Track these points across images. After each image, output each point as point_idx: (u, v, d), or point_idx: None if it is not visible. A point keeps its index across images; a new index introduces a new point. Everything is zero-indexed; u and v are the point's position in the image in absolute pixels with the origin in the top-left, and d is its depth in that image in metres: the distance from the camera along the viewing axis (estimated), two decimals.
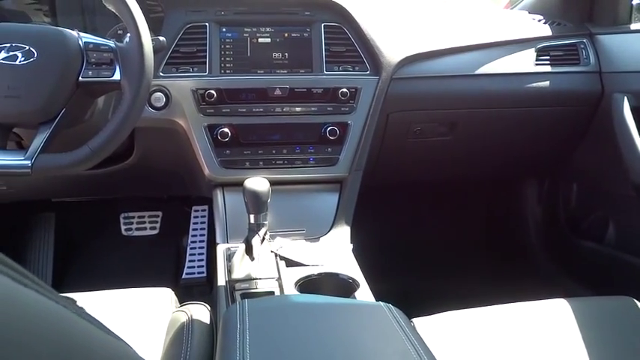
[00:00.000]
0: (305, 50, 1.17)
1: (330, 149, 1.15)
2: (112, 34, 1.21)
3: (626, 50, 1.33)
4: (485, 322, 0.89)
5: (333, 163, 1.15)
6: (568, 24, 1.41)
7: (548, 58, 1.32)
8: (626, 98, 1.26)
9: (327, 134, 1.14)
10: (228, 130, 1.11)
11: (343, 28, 1.18)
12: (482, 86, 1.27)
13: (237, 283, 0.85)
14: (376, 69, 1.17)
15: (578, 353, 0.82)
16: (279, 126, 1.14)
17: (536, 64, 1.31)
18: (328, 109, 1.15)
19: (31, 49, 0.85)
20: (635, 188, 1.24)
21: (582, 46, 1.36)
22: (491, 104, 1.29)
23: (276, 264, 0.93)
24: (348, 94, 1.14)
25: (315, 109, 1.14)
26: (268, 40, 1.17)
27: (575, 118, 1.39)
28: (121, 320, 0.90)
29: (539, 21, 1.41)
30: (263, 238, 0.93)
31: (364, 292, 0.85)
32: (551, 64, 1.32)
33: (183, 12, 1.15)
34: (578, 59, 1.34)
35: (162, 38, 0.96)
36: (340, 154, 1.15)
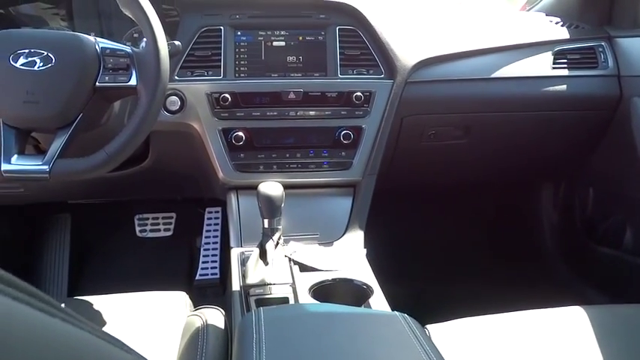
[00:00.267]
0: (319, 54, 1.17)
1: (343, 153, 1.15)
2: (128, 38, 1.22)
3: None
4: (501, 330, 0.88)
5: (346, 167, 1.15)
6: (586, 26, 1.39)
7: (566, 61, 1.30)
8: None
9: (341, 138, 1.14)
10: (242, 133, 1.11)
11: (358, 31, 1.18)
12: (498, 90, 1.26)
13: (252, 288, 0.85)
14: (391, 72, 1.17)
15: None
16: (293, 130, 1.14)
17: (553, 68, 1.29)
18: (342, 113, 1.14)
19: (50, 54, 0.86)
20: None
21: (600, 49, 1.34)
22: (506, 108, 1.28)
23: (290, 269, 0.93)
24: (363, 98, 1.14)
25: (329, 113, 1.14)
26: (283, 43, 1.17)
27: (593, 122, 1.37)
28: (136, 324, 0.91)
29: (557, 23, 1.39)
30: (277, 243, 0.93)
31: (378, 299, 0.85)
32: (569, 68, 1.30)
33: (199, 16, 1.15)
34: (597, 62, 1.32)
35: (177, 43, 0.97)
36: (354, 158, 1.15)
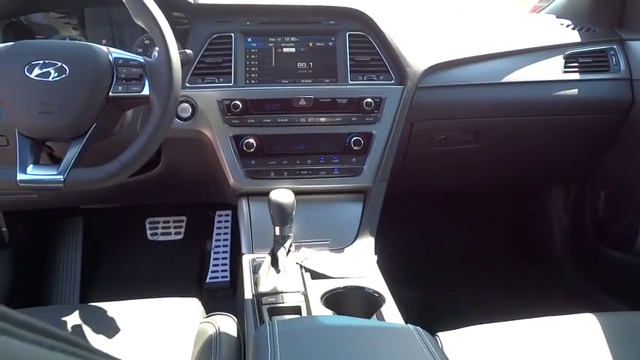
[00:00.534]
0: (329, 60, 1.17)
1: (354, 159, 1.15)
2: (139, 45, 1.23)
3: None
4: (512, 338, 0.88)
5: (357, 173, 1.15)
6: (597, 29, 1.38)
7: (577, 65, 1.30)
8: None
9: (352, 144, 1.14)
10: (253, 140, 1.12)
11: (368, 37, 1.18)
12: (509, 94, 1.25)
13: (264, 296, 0.86)
14: (401, 78, 1.17)
15: None
16: (304, 136, 1.14)
17: (565, 72, 1.28)
18: (353, 119, 1.15)
19: (64, 65, 0.87)
20: None
21: (612, 52, 1.33)
22: (517, 112, 1.27)
23: (302, 276, 0.94)
24: (373, 104, 1.14)
25: (340, 119, 1.14)
26: (293, 49, 1.17)
27: (604, 126, 1.36)
28: (148, 331, 0.92)
29: (568, 26, 1.38)
30: (288, 250, 0.94)
31: (390, 308, 0.85)
32: (580, 72, 1.29)
33: (209, 23, 1.15)
34: (608, 66, 1.32)
35: (189, 51, 0.98)
36: (364, 165, 1.15)
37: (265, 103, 1.13)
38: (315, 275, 0.95)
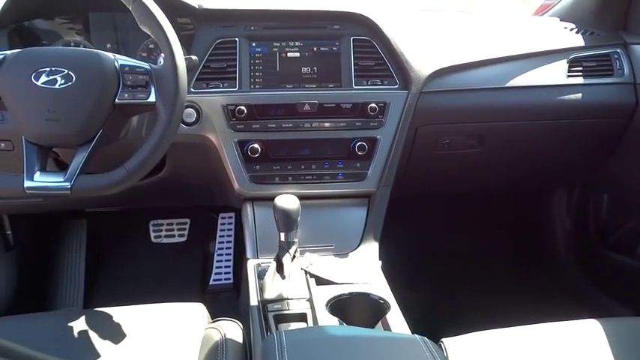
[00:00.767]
0: (334, 64, 1.17)
1: (358, 164, 1.15)
2: (144, 49, 1.23)
3: None
4: (517, 344, 0.89)
5: (361, 178, 1.16)
6: (601, 33, 1.38)
7: (581, 69, 1.30)
8: None
9: (356, 149, 1.14)
10: (257, 145, 1.12)
11: (372, 41, 1.18)
12: (513, 99, 1.25)
13: (270, 303, 0.86)
14: (405, 83, 1.17)
15: None
16: (308, 141, 1.15)
17: (569, 76, 1.28)
18: (357, 124, 1.15)
19: (70, 72, 0.87)
20: None
21: (616, 56, 1.33)
22: (522, 117, 1.28)
23: (307, 282, 0.94)
24: (377, 109, 1.14)
25: (344, 124, 1.15)
26: (297, 54, 1.17)
27: (608, 130, 1.36)
28: (153, 336, 0.92)
29: (571, 30, 1.38)
30: (293, 256, 0.94)
31: (395, 315, 0.85)
32: (584, 76, 1.29)
33: (214, 27, 1.16)
34: (612, 70, 1.32)
35: (194, 57, 0.98)
36: (369, 169, 1.15)
37: (270, 108, 1.13)
38: (320, 281, 0.96)
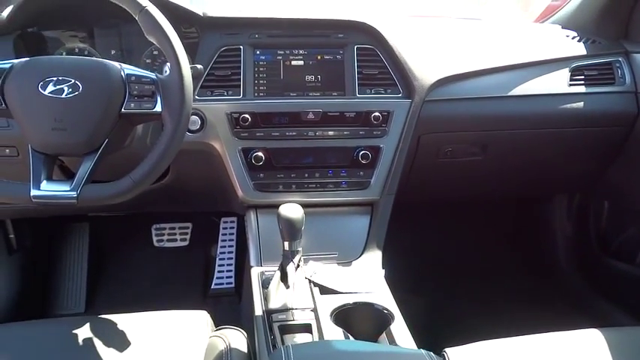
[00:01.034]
0: (337, 73, 1.18)
1: (361, 173, 1.16)
2: (148, 55, 1.24)
3: None
4: (519, 354, 0.89)
5: (364, 186, 1.16)
6: (603, 41, 1.38)
7: (583, 78, 1.31)
8: None
9: (360, 158, 1.15)
10: (262, 153, 1.12)
11: (376, 50, 1.18)
12: (516, 108, 1.26)
13: (275, 313, 0.86)
14: (408, 92, 1.18)
15: None
16: (312, 150, 1.15)
17: (570, 85, 1.29)
18: (360, 132, 1.15)
19: (77, 82, 0.87)
20: None
21: (617, 64, 1.34)
22: (524, 125, 1.28)
23: (311, 291, 0.95)
24: (381, 118, 1.15)
25: (348, 132, 1.15)
26: (301, 62, 1.18)
27: (610, 138, 1.37)
28: (158, 344, 0.92)
29: (573, 38, 1.39)
30: (297, 265, 0.95)
31: (399, 326, 0.86)
32: (586, 85, 1.30)
33: (218, 35, 1.16)
34: (614, 79, 1.32)
35: (199, 66, 0.98)
36: (372, 178, 1.16)
37: (274, 116, 1.14)
38: (324, 290, 0.96)
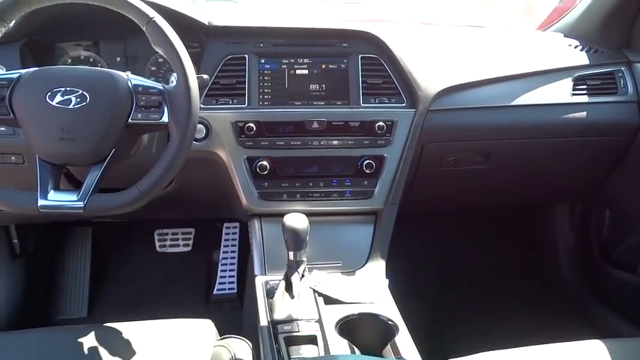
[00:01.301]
0: (342, 82, 1.18)
1: (366, 182, 1.16)
2: (153, 63, 1.24)
3: None
4: None
5: (368, 196, 1.17)
6: (605, 50, 1.39)
7: (585, 87, 1.31)
8: None
9: (364, 167, 1.15)
10: (266, 162, 1.13)
11: (380, 59, 1.19)
12: (519, 117, 1.26)
13: (280, 324, 0.87)
14: (412, 101, 1.18)
15: None
16: (317, 159, 1.16)
17: (573, 94, 1.30)
18: (365, 142, 1.16)
19: (84, 92, 0.88)
20: None
21: (620, 74, 1.35)
22: (527, 135, 1.29)
23: (315, 301, 0.95)
24: (385, 128, 1.15)
25: (352, 142, 1.16)
26: (306, 71, 1.18)
27: (612, 148, 1.37)
28: (163, 353, 0.93)
29: (576, 47, 1.39)
30: (302, 275, 0.95)
31: (404, 338, 0.86)
32: (588, 94, 1.31)
33: (223, 44, 1.17)
34: (616, 88, 1.33)
35: (205, 76, 0.99)
36: (376, 187, 1.16)
37: (279, 125, 1.14)
38: (329, 300, 0.97)
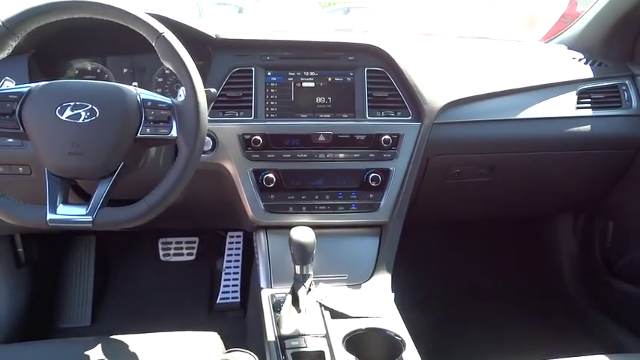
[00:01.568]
0: (348, 95, 1.19)
1: (371, 195, 1.17)
2: (160, 74, 1.25)
3: None
4: None
5: (374, 208, 1.17)
6: (609, 63, 1.40)
7: (590, 101, 1.32)
8: None
9: (370, 180, 1.15)
10: (273, 175, 1.13)
11: (386, 73, 1.20)
12: (523, 131, 1.27)
13: (287, 339, 0.87)
14: (418, 115, 1.19)
15: None
16: (323, 172, 1.16)
17: (578, 108, 1.30)
18: (370, 155, 1.16)
19: (94, 107, 0.88)
20: None
21: (624, 87, 1.35)
22: (531, 148, 1.29)
23: (322, 315, 0.95)
24: (391, 141, 1.16)
25: (358, 155, 1.16)
26: (312, 84, 1.19)
27: (616, 161, 1.38)
28: None
29: (580, 60, 1.40)
30: (309, 289, 0.95)
31: (411, 354, 0.87)
32: (593, 108, 1.31)
33: (230, 56, 1.17)
34: (620, 102, 1.34)
35: (213, 90, 1.00)
36: (381, 200, 1.17)
37: (285, 138, 1.15)
38: (335, 314, 0.97)
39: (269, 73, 1.18)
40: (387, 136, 1.16)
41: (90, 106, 0.88)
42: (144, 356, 0.96)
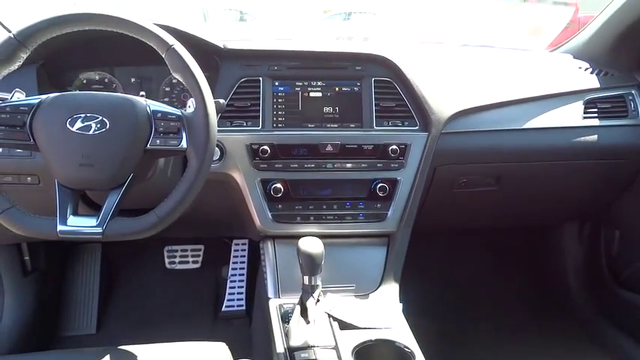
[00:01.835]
0: (355, 105, 1.19)
1: (379, 205, 1.17)
2: (167, 83, 1.25)
3: None
4: None
5: (381, 218, 1.17)
6: (615, 73, 1.40)
7: (596, 110, 1.32)
8: None
9: (377, 190, 1.16)
10: (280, 185, 1.13)
11: (393, 83, 1.20)
12: (531, 140, 1.27)
13: (296, 351, 0.87)
14: (425, 125, 1.19)
15: None
16: (330, 182, 1.16)
17: (584, 118, 1.31)
18: (378, 165, 1.17)
19: (104, 119, 0.88)
20: None
21: (630, 97, 1.36)
22: (538, 158, 1.29)
23: (331, 326, 0.95)
24: (398, 151, 1.16)
25: (366, 165, 1.16)
26: (319, 94, 1.19)
27: (622, 170, 1.38)
28: None
29: (586, 70, 1.40)
30: (317, 300, 0.95)
31: None
32: (599, 118, 1.32)
33: (238, 66, 1.18)
34: (626, 112, 1.34)
35: (222, 101, 1.00)
36: (389, 210, 1.17)
37: (293, 148, 1.15)
38: (344, 325, 0.97)
39: (276, 83, 1.19)
40: (394, 146, 1.16)
41: (100, 117, 0.89)
42: None
